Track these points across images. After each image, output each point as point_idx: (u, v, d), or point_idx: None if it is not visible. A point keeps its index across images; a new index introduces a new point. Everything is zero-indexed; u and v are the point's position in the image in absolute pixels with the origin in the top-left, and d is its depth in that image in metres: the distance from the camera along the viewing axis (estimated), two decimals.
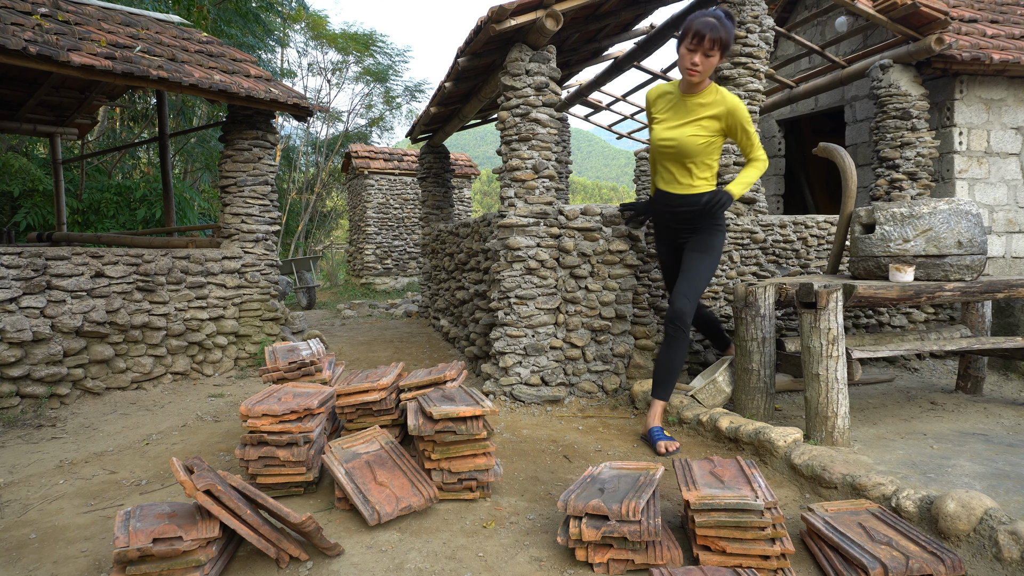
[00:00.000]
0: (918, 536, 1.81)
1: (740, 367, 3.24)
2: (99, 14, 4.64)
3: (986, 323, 3.80)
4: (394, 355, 5.31)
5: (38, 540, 2.08)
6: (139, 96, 10.21)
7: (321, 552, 1.91)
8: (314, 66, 17.46)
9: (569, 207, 3.76)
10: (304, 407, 2.37)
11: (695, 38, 2.87)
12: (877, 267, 3.12)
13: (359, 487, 2.14)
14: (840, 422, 2.76)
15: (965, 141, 5.11)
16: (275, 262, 4.97)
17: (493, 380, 3.79)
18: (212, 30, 9.83)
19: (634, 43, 5.63)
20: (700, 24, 2.86)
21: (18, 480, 2.63)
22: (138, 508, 1.81)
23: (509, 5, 3.36)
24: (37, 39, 3.60)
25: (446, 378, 2.73)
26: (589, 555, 1.82)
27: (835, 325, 2.77)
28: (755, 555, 1.78)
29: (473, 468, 2.28)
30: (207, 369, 4.55)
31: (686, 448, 2.95)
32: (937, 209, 2.99)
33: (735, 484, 1.93)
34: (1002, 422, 3.20)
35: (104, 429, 3.37)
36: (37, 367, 3.68)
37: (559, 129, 4.98)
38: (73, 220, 8.69)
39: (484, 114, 6.80)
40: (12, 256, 3.70)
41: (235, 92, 4.28)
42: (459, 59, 3.99)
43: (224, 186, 4.83)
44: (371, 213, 12.51)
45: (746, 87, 4.14)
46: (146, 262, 4.26)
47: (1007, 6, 5.83)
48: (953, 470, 2.44)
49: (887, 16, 4.46)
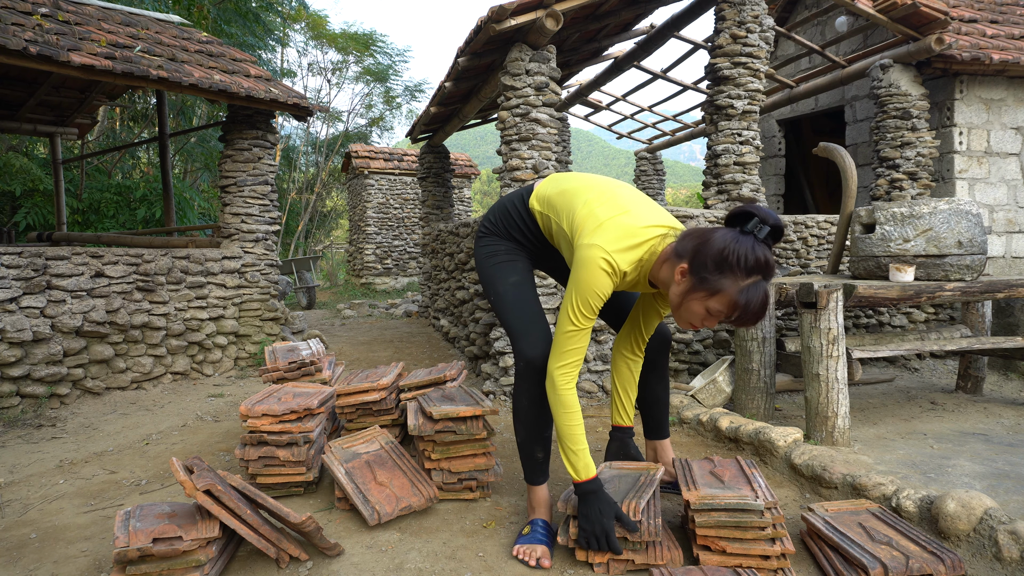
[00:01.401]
0: (918, 536, 1.81)
1: (740, 367, 3.24)
2: (99, 14, 4.64)
3: (986, 323, 3.80)
4: (394, 355, 5.31)
5: (38, 540, 2.08)
6: (139, 96, 10.21)
7: (321, 552, 1.91)
8: (314, 66, 17.48)
9: None
10: (304, 407, 2.37)
11: (737, 319, 1.64)
12: (877, 267, 3.12)
13: (359, 487, 2.14)
14: (840, 422, 2.76)
15: (965, 141, 5.11)
16: (275, 262, 4.97)
17: (493, 380, 3.79)
18: (212, 30, 9.83)
19: (634, 43, 5.63)
20: (755, 315, 1.62)
21: (18, 480, 2.63)
22: (138, 508, 1.81)
23: (509, 5, 3.36)
24: (37, 39, 3.60)
25: (446, 378, 2.73)
26: (589, 555, 1.82)
27: (835, 325, 2.77)
28: (755, 555, 1.78)
29: (473, 468, 2.28)
30: (207, 369, 4.55)
31: (686, 448, 2.95)
32: (937, 209, 2.99)
33: (735, 484, 1.93)
34: (1002, 422, 3.20)
35: (104, 429, 3.37)
36: (37, 367, 3.68)
37: (559, 129, 4.98)
38: (73, 220, 8.69)
39: (484, 114, 6.80)
40: (12, 256, 3.70)
41: (235, 92, 4.28)
42: (459, 59, 3.99)
43: (224, 186, 4.83)
44: (371, 213, 12.51)
45: (746, 87, 4.14)
46: (146, 262, 4.26)
47: (1007, 6, 5.83)
48: (953, 470, 2.44)
49: (887, 16, 4.46)
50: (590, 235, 1.74)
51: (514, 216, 2.10)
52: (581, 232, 1.78)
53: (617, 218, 1.75)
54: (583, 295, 1.73)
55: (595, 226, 1.75)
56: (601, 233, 1.73)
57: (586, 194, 1.87)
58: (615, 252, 1.71)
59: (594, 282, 1.72)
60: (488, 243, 2.14)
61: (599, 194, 1.86)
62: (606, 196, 1.84)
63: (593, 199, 1.84)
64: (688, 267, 1.63)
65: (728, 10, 4.11)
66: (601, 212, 1.78)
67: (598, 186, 1.92)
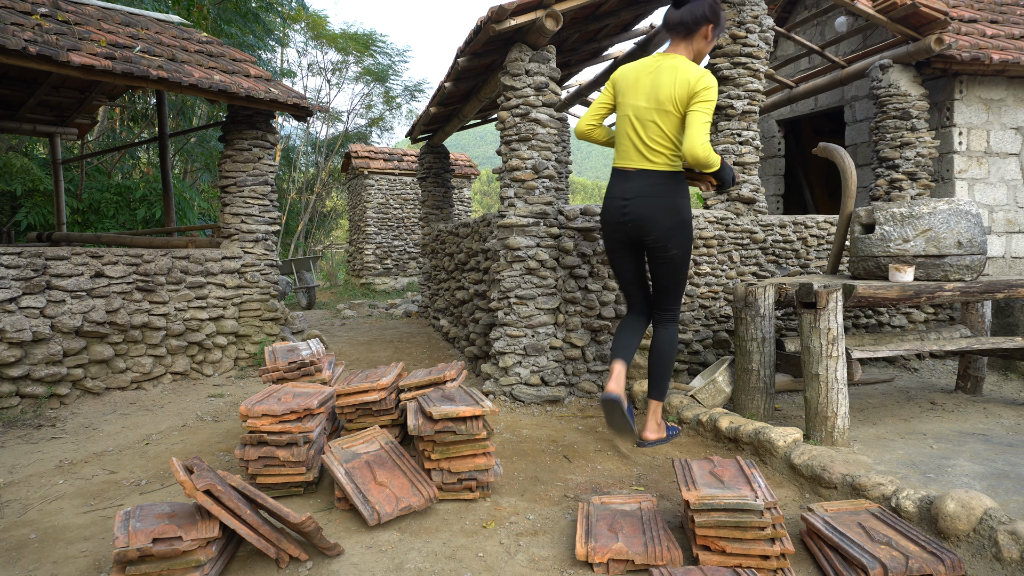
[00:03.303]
0: (918, 536, 1.81)
1: (740, 367, 3.24)
2: (99, 14, 4.64)
3: (986, 323, 3.80)
4: (394, 355, 5.31)
5: (38, 540, 2.08)
6: (139, 96, 10.21)
7: (321, 552, 1.91)
8: (314, 66, 17.48)
9: (569, 207, 3.76)
10: (304, 407, 2.37)
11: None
12: (877, 267, 3.12)
13: (359, 487, 2.14)
14: (840, 422, 2.76)
15: (965, 141, 5.11)
16: (275, 262, 4.97)
17: (493, 380, 3.79)
18: (212, 30, 9.83)
19: (634, 43, 5.63)
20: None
21: (18, 480, 2.63)
22: (138, 508, 1.81)
23: (509, 5, 3.36)
24: (37, 39, 3.60)
25: (446, 378, 2.73)
26: (589, 555, 1.82)
27: (835, 325, 2.77)
28: (755, 555, 1.78)
29: (473, 468, 2.28)
30: (207, 369, 4.55)
31: (686, 448, 2.95)
32: (937, 209, 2.99)
33: (735, 484, 1.93)
34: (1002, 422, 3.20)
35: (104, 429, 3.37)
36: (37, 367, 3.68)
37: (559, 129, 4.98)
38: (73, 220, 8.69)
39: (484, 114, 6.80)
40: (12, 256, 3.70)
41: (235, 92, 4.28)
42: (459, 59, 3.99)
43: (224, 186, 4.83)
44: (371, 213, 12.51)
45: (746, 87, 4.14)
46: (146, 262, 4.26)
47: (1007, 6, 5.83)
48: (953, 470, 2.44)
49: (887, 16, 4.46)
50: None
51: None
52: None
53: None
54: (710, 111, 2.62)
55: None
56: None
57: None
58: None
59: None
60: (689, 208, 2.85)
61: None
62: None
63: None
64: (714, 25, 2.72)
65: (728, 10, 4.11)
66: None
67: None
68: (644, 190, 2.75)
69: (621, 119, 2.82)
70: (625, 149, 2.81)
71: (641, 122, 2.73)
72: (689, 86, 2.61)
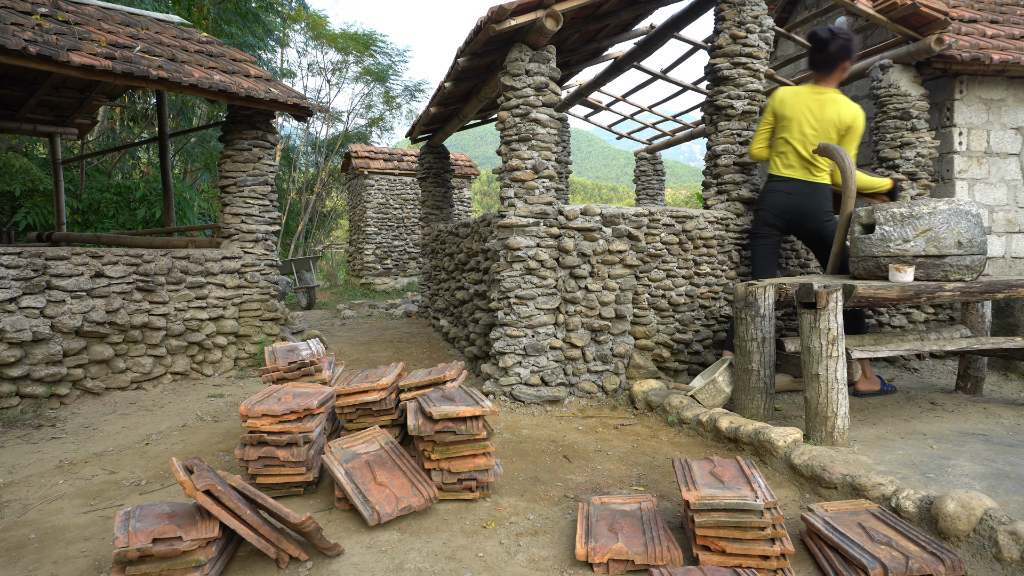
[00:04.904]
0: (918, 536, 1.81)
1: (740, 367, 3.24)
2: (99, 14, 4.64)
3: (986, 323, 3.80)
4: (394, 355, 5.31)
5: (38, 540, 2.08)
6: (139, 96, 10.21)
7: (321, 552, 1.91)
8: (314, 66, 17.47)
9: (569, 207, 3.76)
10: (304, 407, 2.37)
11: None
12: (877, 267, 3.12)
13: (359, 487, 2.14)
14: (840, 422, 2.76)
15: (965, 141, 5.11)
16: (275, 262, 4.97)
17: (493, 380, 3.79)
18: (212, 30, 9.83)
19: (634, 43, 5.63)
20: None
21: (18, 480, 2.63)
22: (138, 508, 1.81)
23: (509, 5, 3.36)
24: (37, 39, 3.60)
25: (446, 378, 2.73)
26: (589, 555, 1.82)
27: (835, 325, 2.77)
28: (755, 555, 1.78)
29: (473, 468, 2.28)
30: (207, 369, 4.55)
31: (686, 448, 2.95)
32: (937, 209, 2.99)
33: (735, 484, 1.93)
34: (1002, 422, 3.20)
35: (104, 429, 3.37)
36: (37, 367, 3.68)
37: (559, 129, 4.98)
38: (73, 220, 8.69)
39: (484, 114, 6.80)
40: (12, 256, 3.70)
41: (235, 92, 4.28)
42: (459, 59, 3.99)
43: (224, 186, 4.83)
44: (371, 213, 12.51)
45: (746, 87, 4.14)
46: (146, 262, 4.26)
47: (1007, 6, 5.83)
48: (953, 470, 2.44)
49: (887, 16, 4.46)
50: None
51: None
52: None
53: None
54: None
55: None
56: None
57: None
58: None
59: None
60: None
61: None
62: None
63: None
64: (849, 61, 3.63)
65: (728, 10, 4.11)
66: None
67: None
68: (804, 192, 3.73)
69: (784, 140, 3.69)
70: (790, 162, 3.69)
71: (805, 145, 3.62)
72: (850, 120, 3.61)
